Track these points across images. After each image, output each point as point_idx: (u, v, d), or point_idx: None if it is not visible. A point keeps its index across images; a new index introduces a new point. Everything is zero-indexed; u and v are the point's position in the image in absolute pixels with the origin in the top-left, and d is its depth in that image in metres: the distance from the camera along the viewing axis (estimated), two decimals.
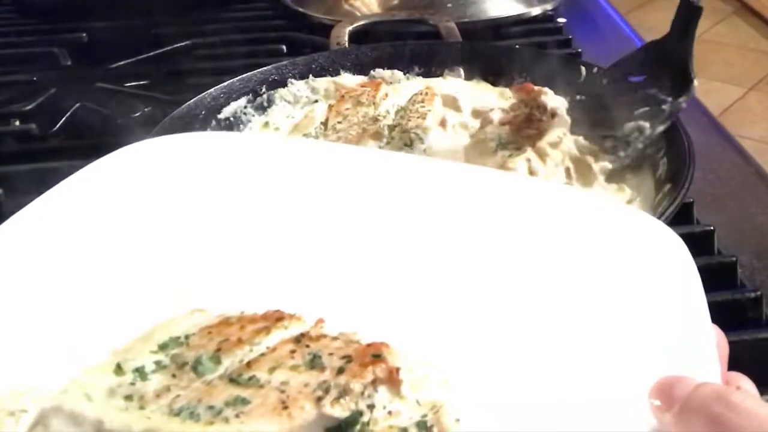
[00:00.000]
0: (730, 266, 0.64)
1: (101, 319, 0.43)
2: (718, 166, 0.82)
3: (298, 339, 0.40)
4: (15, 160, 0.79)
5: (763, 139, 2.54)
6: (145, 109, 0.89)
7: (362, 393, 0.36)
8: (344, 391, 0.36)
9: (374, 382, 0.36)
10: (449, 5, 1.08)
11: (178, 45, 1.03)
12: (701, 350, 0.39)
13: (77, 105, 0.90)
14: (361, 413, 0.35)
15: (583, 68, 0.81)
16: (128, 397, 0.37)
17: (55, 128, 0.86)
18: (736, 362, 0.60)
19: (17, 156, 0.80)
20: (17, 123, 0.88)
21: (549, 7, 1.09)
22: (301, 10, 1.09)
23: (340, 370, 0.37)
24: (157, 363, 0.39)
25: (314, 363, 0.38)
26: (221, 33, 1.08)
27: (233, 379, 0.38)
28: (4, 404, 0.37)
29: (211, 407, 0.36)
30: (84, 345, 0.42)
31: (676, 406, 0.35)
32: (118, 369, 0.39)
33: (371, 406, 0.36)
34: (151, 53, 1.01)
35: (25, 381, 0.38)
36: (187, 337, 0.41)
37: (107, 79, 0.95)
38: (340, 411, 0.35)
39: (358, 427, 0.35)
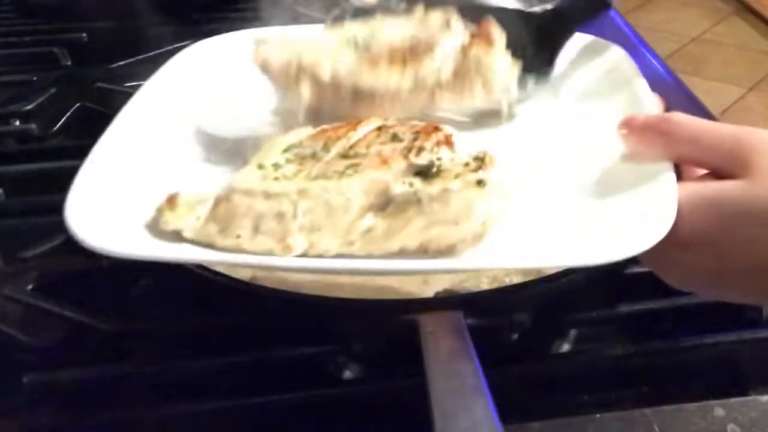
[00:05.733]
0: None
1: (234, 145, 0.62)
2: None
3: (379, 128, 0.56)
4: (15, 160, 0.79)
5: None
6: None
7: (432, 150, 0.52)
8: (421, 149, 0.52)
9: (438, 143, 0.53)
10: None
11: (178, 45, 1.03)
12: (648, 106, 0.58)
13: (77, 105, 0.90)
14: (434, 161, 0.51)
15: None
16: (277, 178, 0.51)
17: (55, 128, 0.86)
18: (735, 362, 0.60)
19: (17, 156, 0.80)
20: (17, 123, 0.88)
21: (549, 6, 1.09)
22: (300, 10, 1.09)
23: (415, 139, 0.53)
24: (287, 159, 0.53)
25: (395, 138, 0.54)
26: (221, 33, 1.08)
27: (344, 156, 0.53)
28: (191, 196, 0.51)
29: (336, 171, 0.51)
30: (224, 163, 0.59)
31: (637, 129, 0.52)
32: (261, 166, 0.53)
33: (439, 158, 0.51)
34: (151, 53, 1.01)
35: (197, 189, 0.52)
36: (300, 142, 0.55)
37: (107, 79, 0.95)
38: (422, 160, 0.51)
39: (434, 169, 0.50)
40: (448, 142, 0.53)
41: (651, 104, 0.59)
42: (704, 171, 0.50)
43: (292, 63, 0.61)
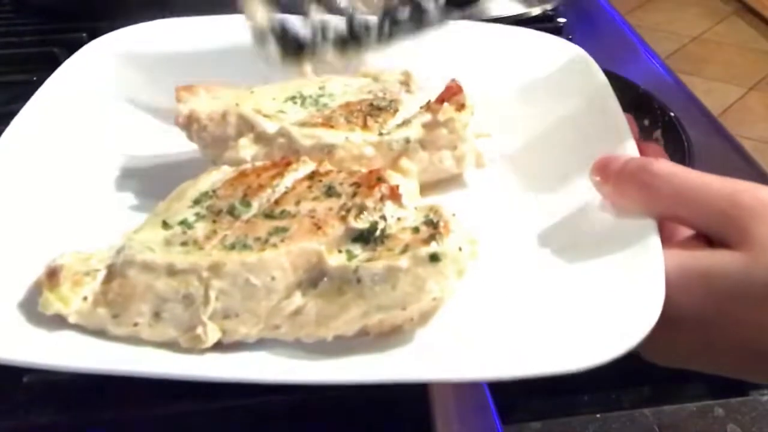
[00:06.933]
0: None
1: (135, 188, 0.52)
2: (718, 166, 0.81)
3: (311, 176, 0.47)
4: None
5: (763, 139, 2.53)
6: None
7: (374, 208, 0.43)
8: (361, 209, 0.43)
9: (382, 199, 0.44)
10: None
11: None
12: (621, 133, 0.51)
13: None
14: (377, 223, 0.43)
15: None
16: (184, 244, 0.43)
17: None
18: None
19: None
20: None
21: (549, 7, 1.09)
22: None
23: (354, 194, 0.45)
24: (197, 214, 0.44)
25: (330, 192, 0.45)
26: None
27: (268, 215, 0.44)
28: (76, 267, 0.42)
29: (258, 238, 0.42)
30: (122, 213, 0.49)
31: (612, 179, 0.45)
32: (165, 224, 0.44)
33: (383, 217, 0.43)
34: None
35: (84, 249, 0.44)
36: (214, 191, 0.46)
37: None
38: (362, 223, 0.43)
39: (377, 233, 0.42)
40: (393, 195, 0.44)
41: (625, 133, 0.51)
42: (689, 230, 0.44)
43: (229, 114, 0.52)
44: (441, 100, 0.53)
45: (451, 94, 0.53)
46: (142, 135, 0.56)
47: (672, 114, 0.72)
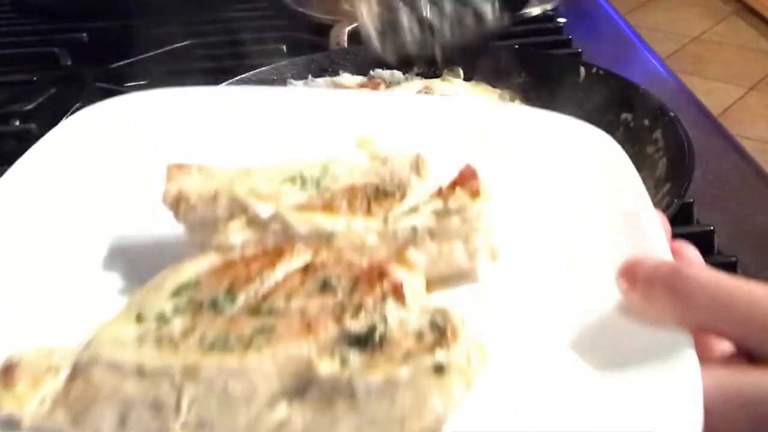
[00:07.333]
0: (730, 266, 0.64)
1: (105, 279, 0.47)
2: (718, 166, 0.82)
3: (305, 270, 0.42)
4: (15, 160, 0.79)
5: (763, 139, 2.54)
6: None
7: (374, 308, 0.39)
8: (359, 308, 0.39)
9: (383, 297, 0.39)
10: None
11: (178, 45, 1.03)
12: (651, 233, 0.45)
13: (77, 105, 0.90)
14: (376, 325, 0.38)
15: (582, 68, 0.81)
16: (158, 341, 0.38)
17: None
18: None
19: (17, 156, 0.80)
20: (17, 123, 0.88)
21: (549, 7, 1.09)
22: (300, 10, 1.09)
23: (351, 291, 0.40)
24: (176, 308, 0.40)
25: (325, 288, 0.41)
26: (221, 33, 1.08)
27: (254, 311, 0.39)
28: (37, 363, 0.38)
29: (240, 338, 0.38)
30: (94, 303, 0.44)
31: (641, 285, 0.40)
32: (140, 317, 0.40)
33: (383, 319, 0.38)
34: (151, 53, 1.01)
35: (47, 343, 0.40)
36: (196, 282, 0.42)
37: (107, 79, 0.95)
38: (359, 325, 0.38)
39: (377, 337, 0.38)
40: (396, 293, 0.40)
41: (656, 232, 0.46)
42: (728, 344, 0.40)
43: (220, 194, 0.48)
44: (453, 185, 0.48)
45: (465, 179, 0.48)
46: (128, 214, 0.51)
47: (672, 114, 0.73)
